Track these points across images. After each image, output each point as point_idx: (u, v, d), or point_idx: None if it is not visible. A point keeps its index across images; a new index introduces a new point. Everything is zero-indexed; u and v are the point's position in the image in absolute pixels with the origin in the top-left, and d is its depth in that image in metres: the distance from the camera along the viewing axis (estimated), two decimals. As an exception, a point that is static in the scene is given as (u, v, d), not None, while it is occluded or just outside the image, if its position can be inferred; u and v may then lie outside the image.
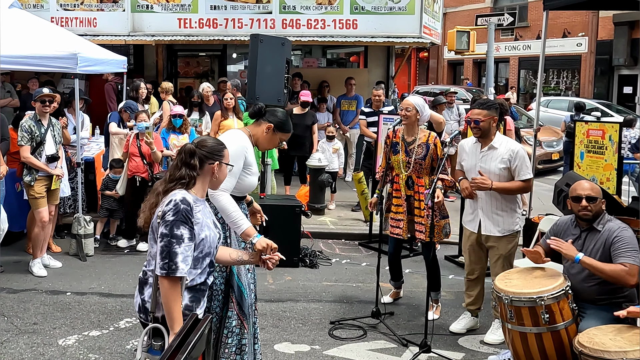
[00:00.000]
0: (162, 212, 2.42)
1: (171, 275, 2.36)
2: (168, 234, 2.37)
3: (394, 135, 4.67)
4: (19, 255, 6.06)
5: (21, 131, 5.38)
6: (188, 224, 2.41)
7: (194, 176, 2.52)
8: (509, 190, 4.12)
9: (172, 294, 2.37)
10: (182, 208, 2.40)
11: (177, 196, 2.44)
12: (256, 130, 3.36)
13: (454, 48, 9.97)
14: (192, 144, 2.61)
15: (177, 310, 2.38)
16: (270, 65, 5.23)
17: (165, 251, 2.37)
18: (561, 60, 21.60)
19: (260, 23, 9.20)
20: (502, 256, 4.20)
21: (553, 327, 3.25)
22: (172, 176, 2.52)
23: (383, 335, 4.44)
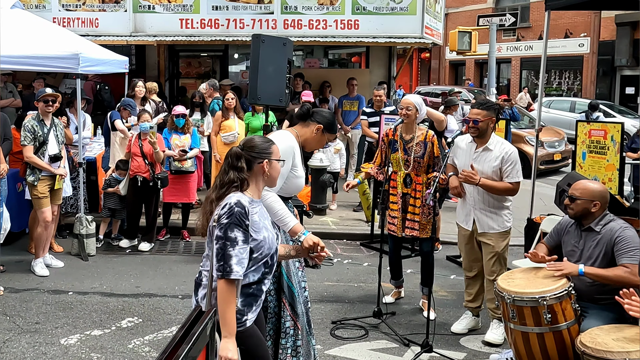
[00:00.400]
0: (217, 215, 2.45)
1: (226, 277, 2.38)
2: (223, 236, 2.41)
3: (393, 134, 4.69)
4: (21, 255, 6.07)
5: (24, 131, 5.39)
6: (242, 227, 2.43)
7: (244, 178, 2.54)
8: (495, 189, 4.14)
9: (227, 296, 2.39)
10: (237, 211, 2.43)
11: (232, 199, 2.47)
12: (305, 131, 3.39)
13: (455, 48, 9.96)
14: (238, 146, 2.63)
15: (229, 313, 2.39)
16: (272, 66, 5.22)
17: (220, 253, 2.40)
18: (563, 60, 21.60)
19: (262, 23, 9.19)
20: (497, 253, 4.22)
21: (555, 327, 3.24)
22: (222, 182, 2.55)
23: (385, 335, 4.44)
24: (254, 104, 6.71)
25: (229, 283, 2.39)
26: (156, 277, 5.61)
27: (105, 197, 6.56)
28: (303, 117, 3.39)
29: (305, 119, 3.39)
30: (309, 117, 3.38)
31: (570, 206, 3.54)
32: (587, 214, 3.51)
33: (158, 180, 6.31)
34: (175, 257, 6.27)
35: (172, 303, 4.98)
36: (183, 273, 5.74)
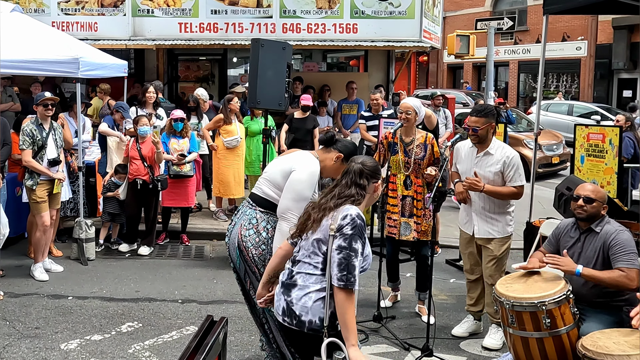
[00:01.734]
0: (338, 225, 2.50)
1: (349, 287, 2.43)
2: (347, 247, 2.46)
3: (392, 137, 4.71)
4: (20, 259, 6.06)
5: (23, 135, 5.39)
6: (362, 239, 2.52)
7: (363, 195, 2.64)
8: (499, 194, 4.16)
9: (350, 305, 2.43)
10: (359, 223, 2.51)
11: (352, 211, 2.53)
12: (325, 157, 3.42)
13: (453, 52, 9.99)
14: (357, 163, 2.70)
15: (352, 321, 2.43)
16: (271, 70, 5.23)
17: (344, 263, 2.45)
18: (561, 64, 21.68)
19: (261, 27, 9.22)
20: (496, 257, 4.24)
21: (555, 331, 3.25)
22: (341, 194, 2.61)
23: (385, 339, 4.45)
24: (254, 108, 6.72)
25: (351, 292, 2.44)
26: (156, 282, 5.61)
27: (105, 201, 6.56)
28: (326, 144, 3.43)
29: (328, 146, 3.43)
30: (332, 144, 3.41)
31: (584, 207, 3.51)
32: (597, 215, 3.53)
33: (158, 183, 6.31)
34: (174, 262, 6.27)
35: (172, 307, 4.98)
36: (182, 277, 5.74)
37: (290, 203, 3.24)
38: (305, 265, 2.60)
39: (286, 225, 3.17)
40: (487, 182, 4.15)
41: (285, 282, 2.64)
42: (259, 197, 3.51)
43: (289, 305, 2.57)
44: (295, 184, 3.27)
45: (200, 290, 5.41)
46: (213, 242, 6.95)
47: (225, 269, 5.98)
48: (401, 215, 4.68)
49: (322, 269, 2.57)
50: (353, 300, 2.45)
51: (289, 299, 2.58)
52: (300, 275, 2.60)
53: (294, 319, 2.55)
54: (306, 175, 3.27)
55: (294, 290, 2.58)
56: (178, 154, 6.60)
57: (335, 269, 2.45)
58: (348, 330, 2.41)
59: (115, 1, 9.47)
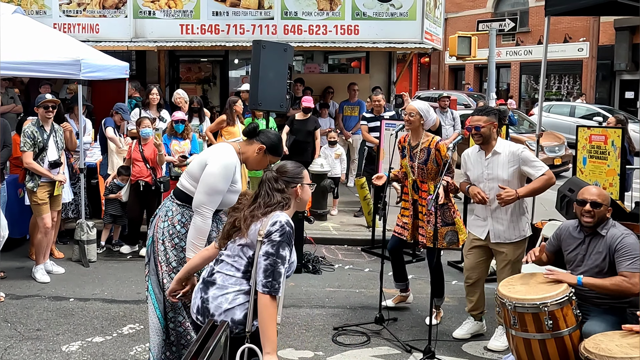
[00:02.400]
0: (267, 231, 2.49)
1: (273, 294, 2.43)
2: (274, 253, 2.46)
3: (404, 140, 4.72)
4: (21, 261, 6.06)
5: (24, 137, 5.39)
6: (290, 246, 2.52)
7: (288, 199, 2.63)
8: (535, 190, 4.07)
9: (271, 312, 2.42)
10: (287, 230, 2.51)
11: (281, 218, 2.53)
12: (247, 149, 3.33)
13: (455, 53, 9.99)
14: (272, 171, 2.70)
15: (272, 328, 2.42)
16: (273, 71, 5.24)
17: (270, 270, 2.44)
18: (563, 65, 21.67)
19: (262, 29, 9.22)
20: (511, 262, 4.18)
21: (557, 333, 3.24)
22: (267, 203, 2.59)
23: (387, 341, 4.43)
24: (255, 109, 6.72)
25: (274, 299, 2.44)
26: (157, 283, 5.60)
27: (107, 203, 6.55)
28: (249, 135, 3.35)
29: (251, 137, 3.34)
30: (255, 135, 3.32)
31: (591, 212, 3.48)
32: (603, 219, 3.51)
33: (160, 184, 6.31)
34: (176, 263, 6.26)
35: (173, 309, 4.97)
36: (184, 279, 5.73)
37: (204, 197, 3.18)
38: (227, 266, 2.59)
39: (200, 220, 3.15)
40: (502, 183, 4.07)
41: (206, 279, 2.64)
42: (178, 189, 3.46)
43: (203, 303, 2.56)
44: (208, 177, 3.19)
45: (202, 292, 5.40)
46: (214, 244, 6.94)
47: (226, 271, 5.98)
48: (413, 218, 4.66)
49: (243, 272, 2.57)
50: (275, 307, 2.45)
51: (205, 297, 2.57)
52: (220, 275, 2.59)
53: (206, 317, 2.53)
54: (219, 168, 3.19)
55: (212, 288, 2.58)
56: (179, 156, 6.60)
57: (261, 274, 2.45)
58: (265, 337, 2.39)
59: (117, 3, 9.49)
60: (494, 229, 4.21)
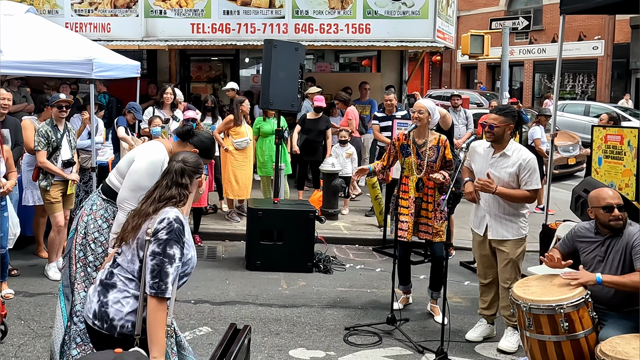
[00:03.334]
0: (154, 229, 2.37)
1: (160, 295, 2.31)
2: (161, 252, 2.34)
3: (404, 138, 4.66)
4: (34, 259, 6.09)
5: (38, 136, 5.43)
6: (180, 244, 2.38)
7: (187, 195, 2.52)
8: (512, 197, 4.09)
9: (159, 315, 2.31)
10: (176, 227, 2.37)
11: (170, 214, 2.40)
12: (180, 150, 3.29)
13: (468, 52, 9.90)
14: (178, 162, 2.57)
15: (161, 332, 2.31)
16: (284, 71, 5.23)
17: (156, 270, 2.32)
18: (577, 63, 21.41)
19: (273, 28, 9.22)
20: (511, 260, 4.16)
21: (573, 335, 3.19)
22: (161, 196, 2.49)
23: (398, 341, 4.40)
24: (266, 109, 6.71)
25: (162, 301, 2.32)
26: (168, 282, 5.61)
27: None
28: (183, 137, 3.32)
29: (184, 139, 3.31)
30: (188, 137, 3.30)
31: (620, 216, 3.44)
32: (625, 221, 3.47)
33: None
34: (187, 262, 6.26)
35: (184, 308, 4.97)
36: (195, 278, 5.73)
37: (127, 193, 3.21)
38: (125, 271, 2.47)
39: (122, 215, 3.13)
40: (501, 184, 4.08)
41: (104, 281, 2.49)
42: (105, 184, 3.49)
43: (101, 307, 2.43)
44: (133, 173, 3.23)
45: (213, 290, 5.40)
46: (225, 243, 6.95)
47: (237, 270, 5.98)
48: (414, 216, 4.64)
49: (139, 274, 2.45)
50: (163, 310, 2.32)
51: (104, 300, 2.43)
52: (119, 278, 2.47)
53: (105, 322, 2.41)
54: (145, 165, 3.21)
55: (112, 292, 2.45)
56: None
57: (148, 275, 2.33)
58: (152, 341, 2.29)
59: (128, 2, 9.53)
60: (491, 226, 4.21)
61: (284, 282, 5.64)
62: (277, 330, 4.56)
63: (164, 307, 2.33)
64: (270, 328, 4.60)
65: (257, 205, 6.16)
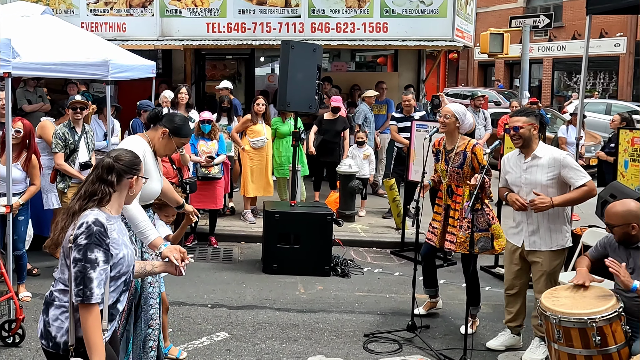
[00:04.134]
0: (73, 235, 2.29)
1: (86, 302, 2.23)
2: (82, 258, 2.25)
3: (438, 144, 4.59)
4: (51, 260, 6.08)
5: (55, 138, 5.41)
6: (102, 246, 2.28)
7: (110, 192, 2.41)
8: (572, 200, 3.88)
9: (91, 321, 2.24)
10: (95, 230, 2.28)
11: (88, 217, 2.31)
12: (153, 135, 3.31)
13: (487, 51, 9.71)
14: (109, 157, 2.48)
15: (97, 338, 2.24)
16: (302, 72, 5.14)
17: (79, 277, 2.24)
18: (598, 61, 21.00)
19: (289, 27, 9.13)
20: (546, 273, 3.98)
21: (604, 350, 3.07)
22: (85, 192, 2.41)
23: (419, 349, 4.30)
24: (284, 110, 6.63)
25: (92, 307, 2.24)
26: (185, 285, 5.56)
27: (134, 203, 6.54)
28: (152, 121, 3.29)
29: (155, 123, 3.28)
30: (157, 121, 3.27)
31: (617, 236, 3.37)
32: (629, 237, 3.34)
33: (186, 185, 6.26)
34: (203, 264, 6.22)
35: (202, 312, 4.92)
36: (212, 281, 5.68)
37: None
38: (58, 283, 2.38)
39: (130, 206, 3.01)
40: (539, 189, 3.88)
41: (46, 299, 2.42)
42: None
43: (45, 326, 2.36)
44: None
45: (230, 294, 5.34)
46: (241, 245, 6.89)
47: (254, 273, 5.92)
48: (444, 223, 4.53)
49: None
50: (94, 316, 2.24)
51: (46, 319, 2.37)
52: (56, 293, 2.38)
53: (50, 340, 2.34)
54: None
55: (51, 309, 2.37)
56: (206, 156, 6.54)
57: (73, 283, 2.24)
58: (90, 349, 2.22)
59: (144, 2, 9.51)
60: (529, 236, 4.03)
61: (301, 286, 5.57)
62: (295, 336, 4.49)
63: (94, 313, 2.25)
64: (288, 334, 4.53)
65: (274, 208, 6.09)
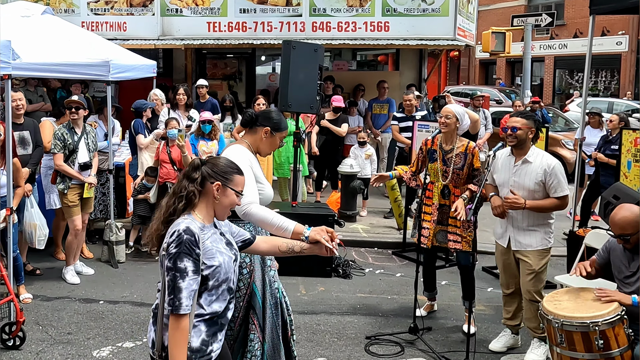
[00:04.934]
0: (166, 243, 2.29)
1: (175, 312, 2.22)
2: (172, 267, 2.24)
3: (432, 143, 4.54)
4: (52, 262, 6.08)
5: (54, 139, 5.39)
6: (192, 256, 2.25)
7: (194, 191, 2.37)
8: (543, 208, 3.94)
9: (177, 333, 2.22)
10: (186, 239, 2.25)
11: (180, 226, 2.29)
12: (254, 138, 3.28)
13: (489, 50, 9.68)
14: (200, 159, 2.49)
15: (179, 350, 2.22)
16: (303, 72, 5.12)
17: (171, 286, 2.23)
18: (600, 59, 20.95)
19: (290, 26, 9.10)
20: (534, 272, 4.02)
21: (607, 354, 3.05)
22: (173, 191, 2.41)
23: (421, 352, 4.29)
24: (285, 111, 6.60)
25: (180, 318, 2.22)
26: (186, 286, 5.55)
27: (135, 204, 6.53)
28: (248, 124, 3.28)
29: (251, 126, 3.27)
30: (254, 123, 3.26)
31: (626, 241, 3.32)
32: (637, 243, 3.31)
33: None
34: (204, 265, 6.21)
35: (202, 314, 4.91)
36: (213, 282, 5.67)
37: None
38: (159, 292, 2.37)
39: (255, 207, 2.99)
40: (526, 193, 3.94)
41: (153, 310, 2.43)
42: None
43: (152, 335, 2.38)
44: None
45: (231, 296, 5.32)
46: (243, 245, 6.88)
47: (255, 274, 5.90)
48: (437, 223, 4.52)
49: None
50: (182, 329, 2.22)
51: (155, 329, 2.37)
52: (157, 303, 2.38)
53: (164, 351, 2.30)
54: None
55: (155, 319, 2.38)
56: (207, 157, 6.52)
57: (166, 292, 2.24)
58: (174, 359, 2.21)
59: (144, 1, 9.48)
60: (514, 237, 4.08)
61: (302, 287, 5.56)
62: (297, 339, 4.44)
63: (182, 326, 2.21)
64: (290, 336, 4.52)
65: (275, 208, 6.05)
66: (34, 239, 5.29)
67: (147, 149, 6.73)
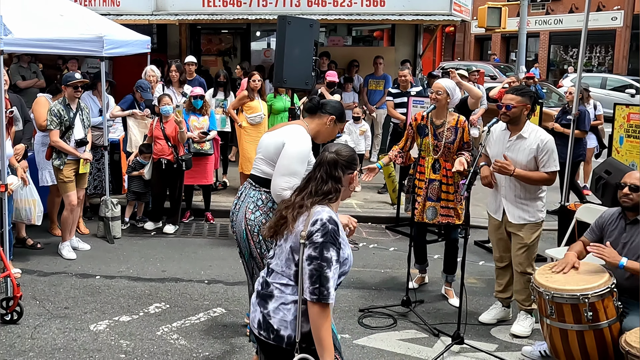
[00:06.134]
0: (308, 232, 2.29)
1: (323, 301, 2.23)
2: (318, 257, 2.25)
3: (421, 119, 4.56)
4: (48, 237, 6.11)
5: (50, 115, 5.37)
6: (336, 245, 2.29)
7: (339, 189, 2.41)
8: (530, 179, 3.99)
9: (324, 321, 2.24)
10: (331, 228, 2.27)
11: (323, 215, 2.30)
12: (316, 123, 3.38)
13: (484, 25, 9.62)
14: (330, 153, 2.46)
15: (328, 338, 2.26)
16: (298, 48, 5.07)
17: (315, 275, 2.24)
18: (594, 35, 20.86)
19: (285, 1, 8.99)
20: (526, 245, 4.10)
21: (596, 325, 3.13)
22: (319, 190, 2.39)
23: (413, 324, 4.38)
24: (280, 87, 6.58)
25: (326, 307, 2.25)
26: (182, 261, 5.61)
27: (130, 180, 6.55)
28: (313, 110, 3.37)
29: (315, 112, 3.37)
30: (319, 109, 3.36)
31: (630, 196, 3.36)
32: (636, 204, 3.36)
33: (182, 162, 6.27)
34: (199, 240, 6.26)
35: (198, 288, 4.97)
36: (208, 257, 5.73)
37: (280, 179, 3.21)
38: (280, 276, 2.39)
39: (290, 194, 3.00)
40: (518, 167, 3.99)
41: (262, 292, 2.43)
42: (260, 177, 3.43)
43: (265, 318, 2.37)
44: (284, 159, 3.24)
45: (226, 270, 5.39)
46: (238, 221, 6.92)
47: (250, 249, 5.96)
48: (427, 199, 4.56)
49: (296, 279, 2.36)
50: (328, 315, 2.25)
51: (265, 312, 2.37)
52: (276, 287, 2.39)
53: (271, 333, 2.35)
54: (297, 150, 3.23)
55: (271, 302, 2.38)
56: (200, 132, 6.53)
57: (307, 281, 2.25)
58: (323, 347, 2.23)
59: (138, -26, 9.32)
60: (509, 210, 4.14)
61: (297, 262, 5.62)
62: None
63: (327, 312, 2.25)
64: (285, 309, 4.59)
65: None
66: (33, 215, 5.31)
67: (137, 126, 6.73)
